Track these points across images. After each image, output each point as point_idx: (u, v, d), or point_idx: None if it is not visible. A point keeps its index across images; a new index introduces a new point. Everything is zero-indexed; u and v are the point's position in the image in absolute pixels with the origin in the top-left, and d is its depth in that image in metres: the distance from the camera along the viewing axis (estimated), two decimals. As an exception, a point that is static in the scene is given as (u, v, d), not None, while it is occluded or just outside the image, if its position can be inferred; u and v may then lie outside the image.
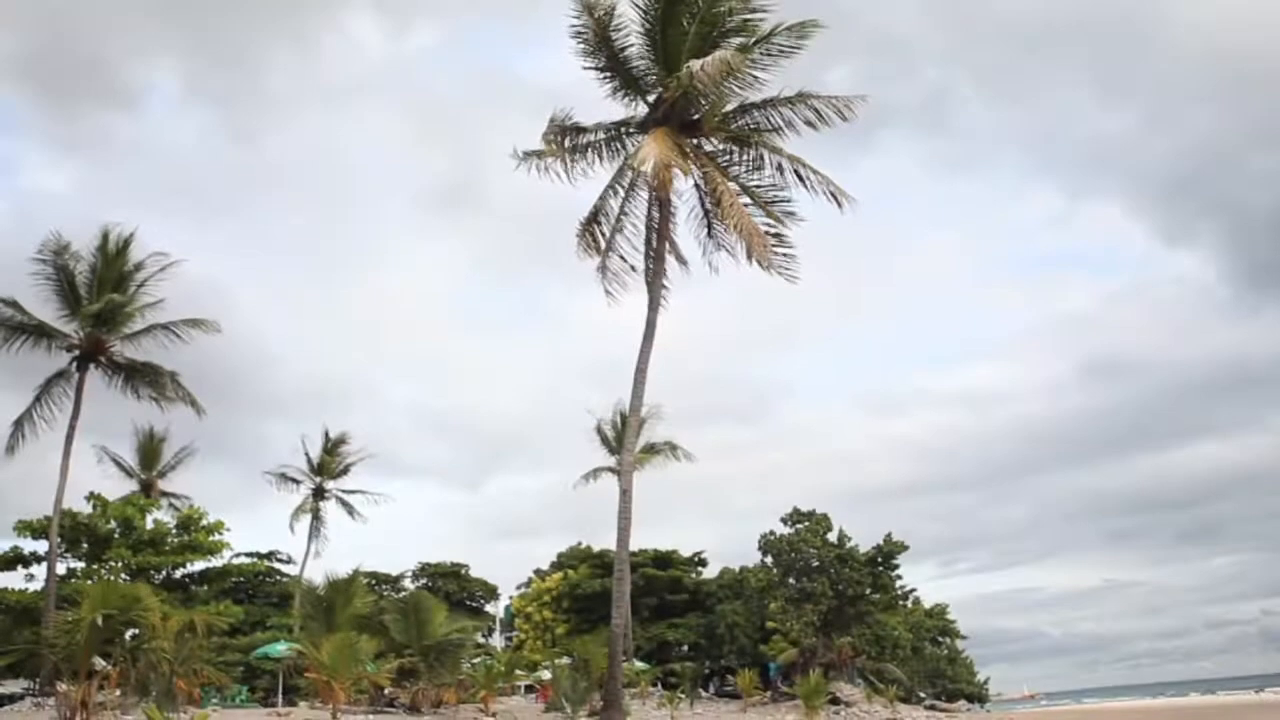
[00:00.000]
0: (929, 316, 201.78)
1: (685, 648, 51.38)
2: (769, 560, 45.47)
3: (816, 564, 44.09)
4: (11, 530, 32.89)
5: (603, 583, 44.35)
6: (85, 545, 34.52)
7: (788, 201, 25.78)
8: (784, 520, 45.83)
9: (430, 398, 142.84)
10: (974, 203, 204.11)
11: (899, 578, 46.83)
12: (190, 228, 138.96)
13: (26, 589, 32.46)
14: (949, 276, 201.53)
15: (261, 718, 21.03)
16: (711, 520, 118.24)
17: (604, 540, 48.51)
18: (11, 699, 29.35)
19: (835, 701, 38.73)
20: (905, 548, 45.20)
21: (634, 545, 34.40)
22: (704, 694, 44.61)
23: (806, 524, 45.43)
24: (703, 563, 55.33)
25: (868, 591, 44.60)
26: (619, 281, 27.14)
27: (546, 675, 33.23)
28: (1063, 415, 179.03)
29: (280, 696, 31.98)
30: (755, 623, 48.22)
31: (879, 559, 44.68)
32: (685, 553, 54.63)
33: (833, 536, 45.00)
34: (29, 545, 33.23)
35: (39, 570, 32.03)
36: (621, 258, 27.08)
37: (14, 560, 33.28)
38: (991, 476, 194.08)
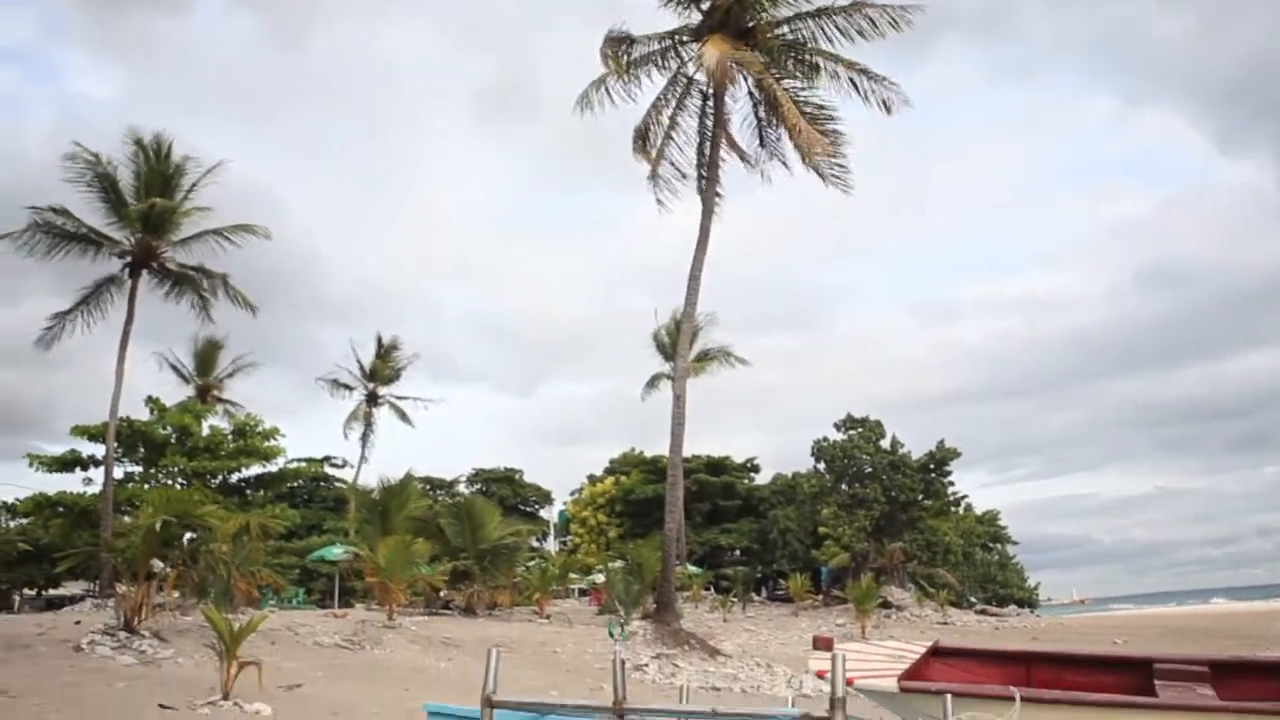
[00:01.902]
0: (986, 224, 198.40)
1: (737, 552, 51.70)
2: (822, 466, 45.35)
3: (869, 470, 43.86)
4: (69, 434, 33.31)
5: (656, 488, 44.36)
6: (142, 450, 34.90)
7: (839, 116, 25.38)
8: (837, 427, 45.50)
9: (482, 304, 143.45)
10: (1032, 110, 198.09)
11: (951, 484, 46.67)
12: (238, 134, 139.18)
13: (85, 492, 32.91)
14: (1006, 184, 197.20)
15: (319, 619, 21.18)
16: (764, 428, 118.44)
17: (657, 447, 48.41)
18: (73, 600, 30.15)
19: (886, 605, 38.81)
20: (958, 454, 44.93)
21: (687, 451, 34.24)
22: (756, 598, 44.91)
23: (860, 430, 45.04)
24: (755, 469, 55.24)
25: (920, 497, 44.40)
26: (670, 189, 27.35)
27: (600, 579, 33.40)
28: (1118, 323, 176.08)
29: (336, 599, 32.56)
30: (807, 528, 48.23)
31: (931, 465, 44.39)
32: (738, 459, 54.56)
33: (885, 443, 44.66)
34: (86, 449, 33.62)
35: (96, 474, 32.42)
36: (674, 165, 27.21)
37: (72, 463, 33.62)
38: (1046, 384, 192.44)
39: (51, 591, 37.64)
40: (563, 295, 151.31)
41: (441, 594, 26.04)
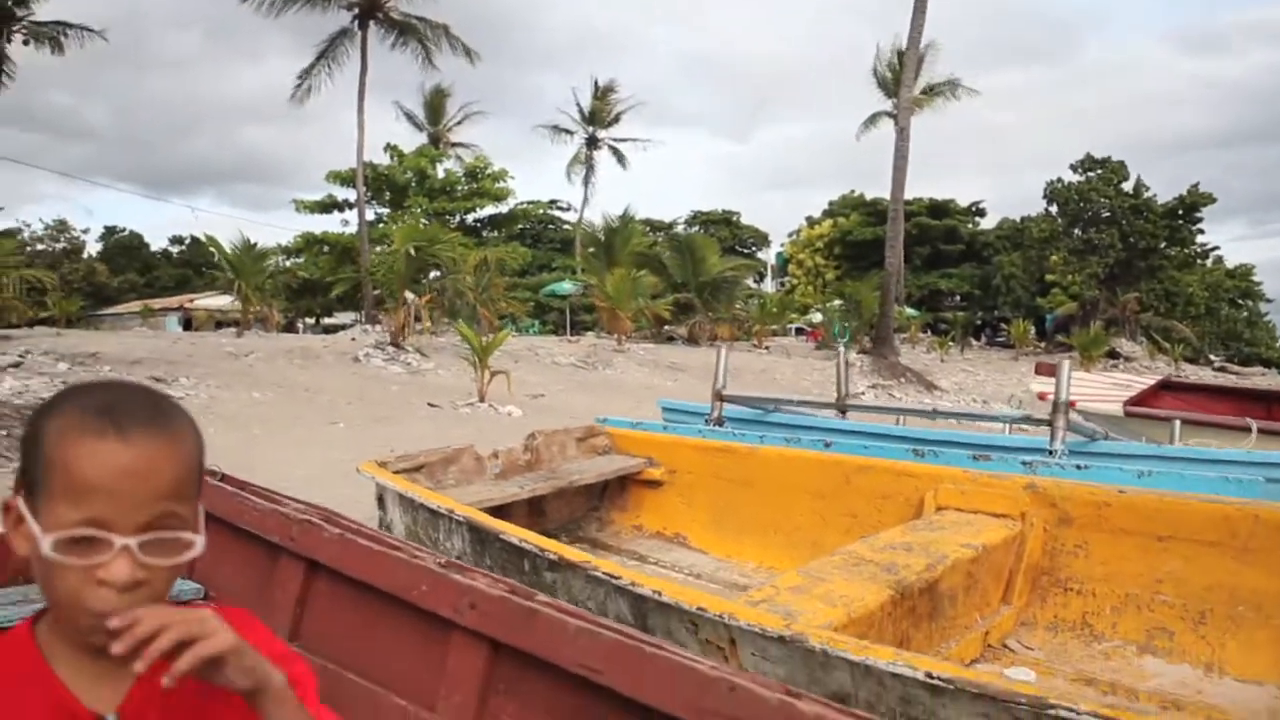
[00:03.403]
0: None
1: (957, 298, 50.48)
2: (1054, 210, 42.68)
3: (1107, 214, 40.92)
4: (323, 180, 36.63)
5: (874, 230, 43.46)
6: (387, 194, 37.80)
7: None
8: (1074, 168, 42.26)
9: (699, 45, 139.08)
10: None
11: (1200, 233, 42.83)
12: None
13: (343, 232, 36.51)
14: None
15: (555, 343, 22.93)
16: (992, 170, 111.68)
17: (876, 189, 46.97)
18: (343, 328, 33.94)
19: (1114, 355, 37.30)
20: (1211, 200, 40.84)
21: (909, 194, 33.08)
22: (975, 343, 44.25)
23: (1099, 172, 41.68)
24: (980, 213, 52.71)
25: (1161, 245, 41.24)
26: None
27: (817, 318, 33.87)
28: None
29: (568, 330, 34.85)
30: (1033, 275, 46.16)
31: (1179, 211, 40.75)
32: (962, 203, 52.15)
33: (1128, 186, 41.21)
34: (340, 193, 37.00)
35: (350, 216, 35.77)
36: None
37: (329, 206, 37.44)
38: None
39: (326, 320, 42.35)
40: (781, 33, 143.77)
41: (664, 329, 27.39)
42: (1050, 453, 4.56)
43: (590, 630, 1.74)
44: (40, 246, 46.53)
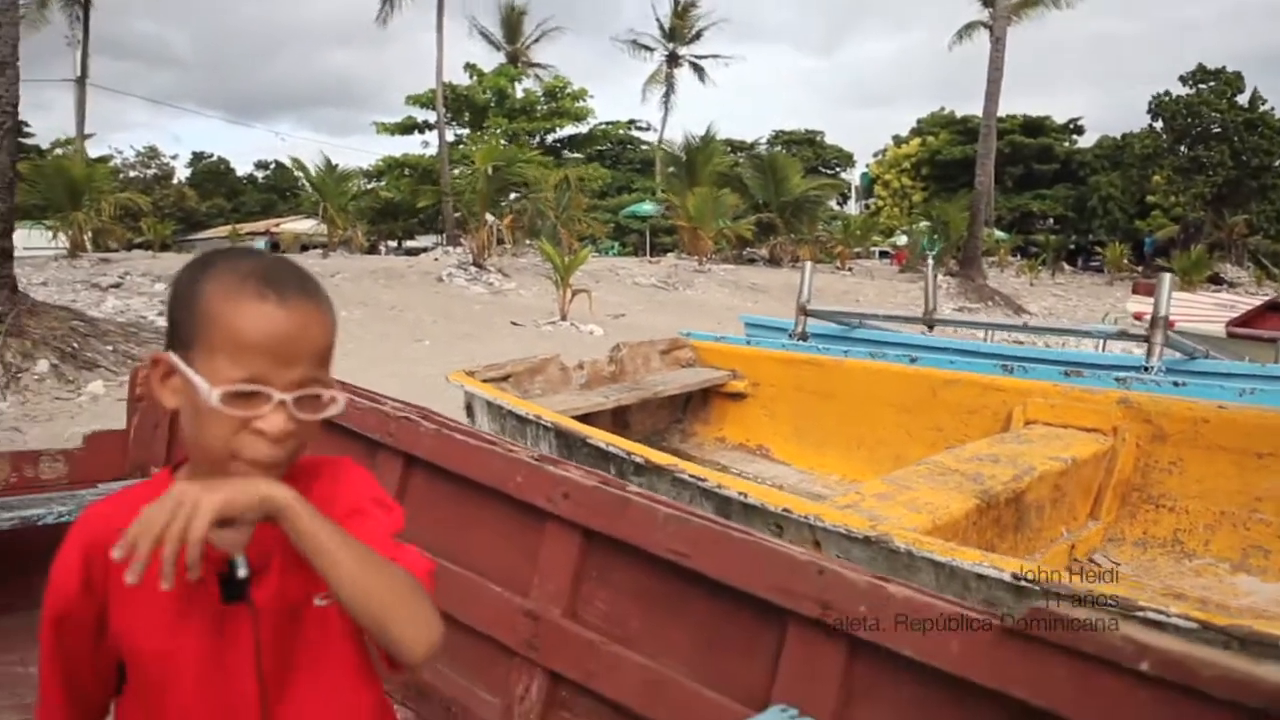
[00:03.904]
0: None
1: (1050, 221, 48.68)
2: (1158, 126, 40.60)
3: (1217, 130, 38.80)
4: (403, 103, 36.78)
5: (964, 149, 42.01)
6: (466, 115, 37.80)
7: None
8: (1183, 80, 40.03)
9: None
10: None
11: (1321, 150, 40.32)
12: None
13: (424, 154, 36.72)
14: None
15: (635, 263, 22.93)
16: (1092, 85, 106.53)
17: (968, 106, 45.25)
18: (424, 250, 34.42)
19: (1217, 281, 35.68)
20: (1336, 113, 38.38)
21: (1002, 111, 31.77)
22: (1067, 267, 42.79)
23: (1212, 84, 39.40)
24: (1078, 130, 50.39)
25: (1277, 164, 38.98)
26: None
27: (902, 241, 33.12)
28: None
29: (648, 251, 34.75)
30: (1132, 196, 44.17)
31: (1299, 126, 38.40)
32: (1059, 120, 49.92)
33: (1242, 99, 38.90)
34: (420, 115, 37.06)
35: (430, 137, 35.90)
36: None
37: (410, 128, 37.61)
38: None
39: (407, 243, 42.97)
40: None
41: (745, 252, 27.12)
42: (1146, 369, 4.43)
43: (680, 517, 1.78)
44: (132, 173, 48.04)
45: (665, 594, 1.84)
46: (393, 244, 40.99)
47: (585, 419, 4.30)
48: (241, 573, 1.00)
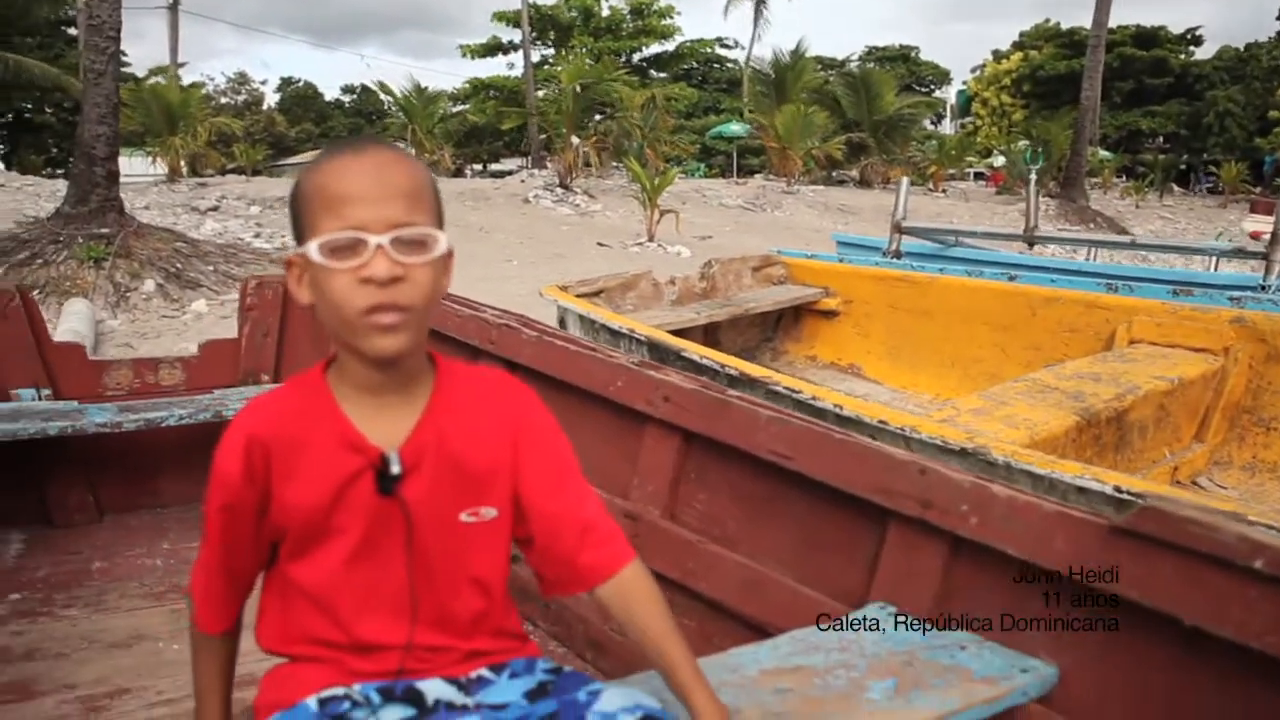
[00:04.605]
0: None
1: (1160, 139, 46.17)
2: (1287, 34, 37.99)
3: (1353, 39, 36.10)
4: (489, 22, 36.46)
5: (1070, 64, 39.95)
6: (551, 34, 37.39)
7: None
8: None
9: None
10: None
11: None
12: None
13: (509, 75, 36.54)
14: None
15: (723, 185, 22.65)
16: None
17: (1074, 18, 42.97)
18: (509, 173, 34.47)
19: (1343, 201, 33.62)
20: None
21: (1113, 22, 30.09)
22: (1176, 189, 40.68)
23: (1348, -12, 36.58)
24: (1196, 41, 47.32)
25: None
26: None
27: (999, 162, 31.91)
28: None
29: (735, 173, 34.25)
30: (1254, 111, 41.49)
31: None
32: (1175, 30, 46.97)
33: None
34: (505, 34, 36.80)
35: (516, 59, 35.62)
36: None
37: (494, 49, 37.36)
38: None
39: (493, 166, 43.14)
40: None
41: (835, 170, 26.51)
42: (1263, 288, 4.24)
43: (781, 419, 1.80)
44: (224, 100, 49.00)
45: (764, 495, 1.86)
46: (478, 167, 41.19)
47: (677, 335, 4.34)
48: (395, 469, 1.06)
